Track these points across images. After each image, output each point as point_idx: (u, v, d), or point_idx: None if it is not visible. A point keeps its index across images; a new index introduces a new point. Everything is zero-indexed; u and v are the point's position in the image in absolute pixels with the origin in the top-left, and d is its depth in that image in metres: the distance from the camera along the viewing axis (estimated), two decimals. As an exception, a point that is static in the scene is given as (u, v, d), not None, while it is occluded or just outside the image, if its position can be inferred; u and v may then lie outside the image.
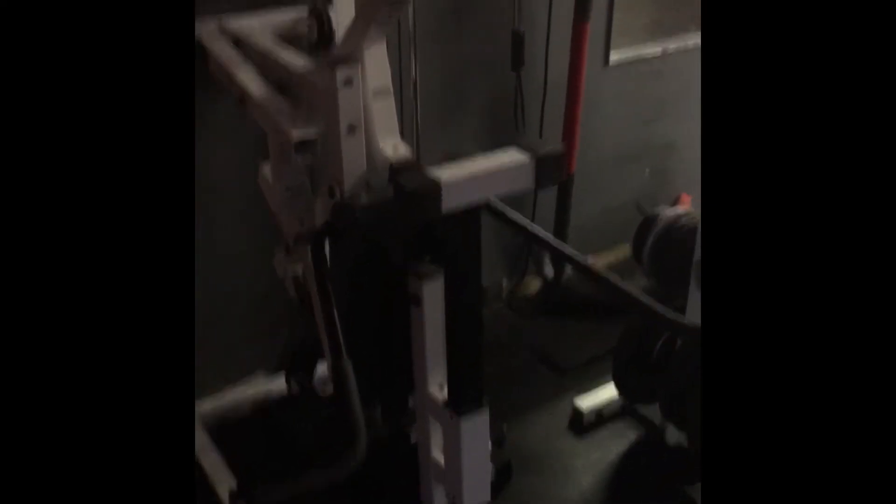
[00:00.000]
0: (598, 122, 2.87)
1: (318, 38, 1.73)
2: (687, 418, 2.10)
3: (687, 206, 3.15)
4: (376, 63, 1.61)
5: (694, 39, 2.99)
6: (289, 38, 1.93)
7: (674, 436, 2.26)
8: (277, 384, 2.29)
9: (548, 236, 1.60)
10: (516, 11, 2.43)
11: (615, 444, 2.32)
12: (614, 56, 2.80)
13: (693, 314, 2.08)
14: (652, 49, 2.89)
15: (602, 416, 2.39)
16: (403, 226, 1.37)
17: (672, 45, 2.93)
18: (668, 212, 2.20)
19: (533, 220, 2.80)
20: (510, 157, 1.35)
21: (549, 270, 2.88)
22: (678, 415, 2.15)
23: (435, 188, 1.27)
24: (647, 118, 3.00)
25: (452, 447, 1.56)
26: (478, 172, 1.31)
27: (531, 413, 2.43)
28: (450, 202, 1.28)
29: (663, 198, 3.18)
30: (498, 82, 2.55)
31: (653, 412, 2.30)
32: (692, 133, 3.14)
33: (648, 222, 2.20)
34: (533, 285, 2.95)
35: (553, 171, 1.36)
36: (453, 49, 2.44)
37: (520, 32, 2.44)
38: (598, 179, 2.98)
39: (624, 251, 3.12)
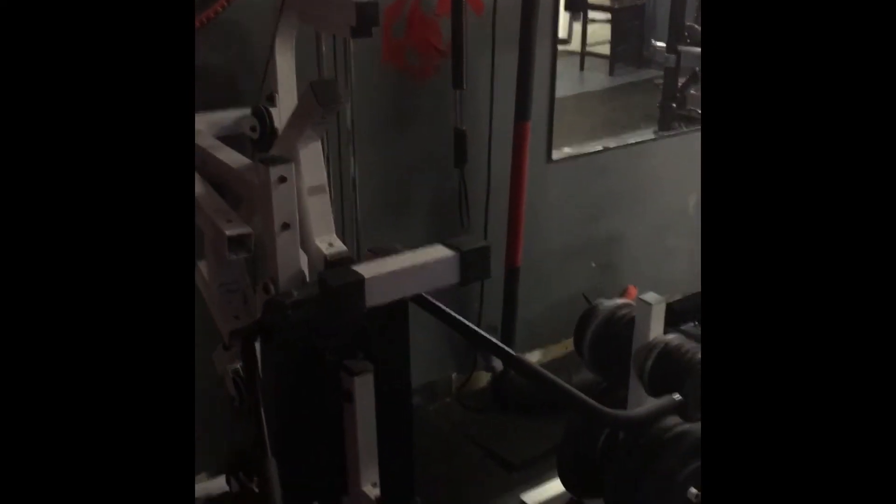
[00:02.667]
0: (544, 217, 2.93)
1: (259, 137, 1.77)
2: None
3: (631, 298, 3.20)
4: (311, 162, 1.65)
5: (634, 138, 3.10)
6: (230, 137, 1.97)
7: (621, 531, 2.23)
8: (219, 485, 2.24)
9: (479, 332, 1.61)
10: (458, 110, 2.50)
11: (563, 541, 2.29)
12: (556, 153, 2.88)
13: (635, 403, 2.09)
14: (592, 146, 2.98)
15: (550, 513, 2.36)
16: (330, 322, 1.38)
17: (612, 142, 3.03)
18: (607, 303, 2.23)
19: (480, 315, 2.83)
20: (436, 252, 1.38)
21: (497, 364, 2.88)
22: (623, 509, 2.13)
23: (358, 284, 1.29)
24: (592, 213, 3.07)
25: (385, 547, 1.53)
26: (403, 268, 1.33)
27: (479, 510, 2.40)
28: (374, 298, 1.29)
29: (610, 290, 3.22)
30: (442, 180, 2.60)
31: (601, 507, 2.28)
32: (637, 227, 3.22)
33: (588, 315, 2.22)
34: (482, 379, 2.95)
35: (478, 265, 1.38)
36: (397, 147, 2.50)
37: (462, 130, 2.51)
38: (545, 274, 3.02)
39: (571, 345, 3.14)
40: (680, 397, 1.93)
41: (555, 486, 2.36)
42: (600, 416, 1.63)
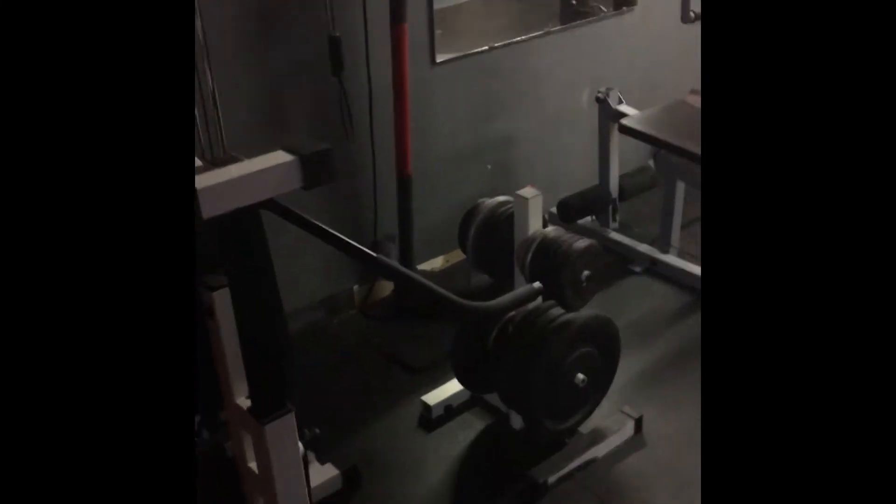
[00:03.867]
0: (433, 122, 2.90)
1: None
2: (522, 402, 2.14)
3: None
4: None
5: (523, 35, 3.06)
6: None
7: (518, 421, 2.30)
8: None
9: (343, 239, 1.59)
10: (330, 16, 2.43)
11: (463, 435, 2.34)
12: (441, 56, 2.83)
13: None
14: (478, 46, 2.94)
15: (451, 410, 2.41)
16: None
17: (498, 41, 2.99)
18: (489, 202, 2.23)
19: (376, 225, 2.82)
20: (276, 158, 1.35)
21: (398, 272, 2.89)
22: (516, 400, 2.19)
23: (191, 195, 1.26)
24: (483, 114, 3.05)
25: (262, 456, 1.54)
26: (240, 176, 1.30)
27: (384, 416, 2.43)
28: (211, 208, 1.26)
29: (507, 190, 3.23)
30: (320, 89, 2.54)
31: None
32: (530, 125, 3.22)
33: (469, 214, 2.23)
34: (385, 289, 2.96)
35: (321, 170, 1.35)
36: (265, 58, 2.42)
37: (336, 36, 2.45)
38: (440, 180, 3.01)
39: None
40: (539, 285, 1.96)
41: (454, 386, 2.41)
42: (460, 310, 1.64)
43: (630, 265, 3.10)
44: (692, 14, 2.63)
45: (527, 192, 2.07)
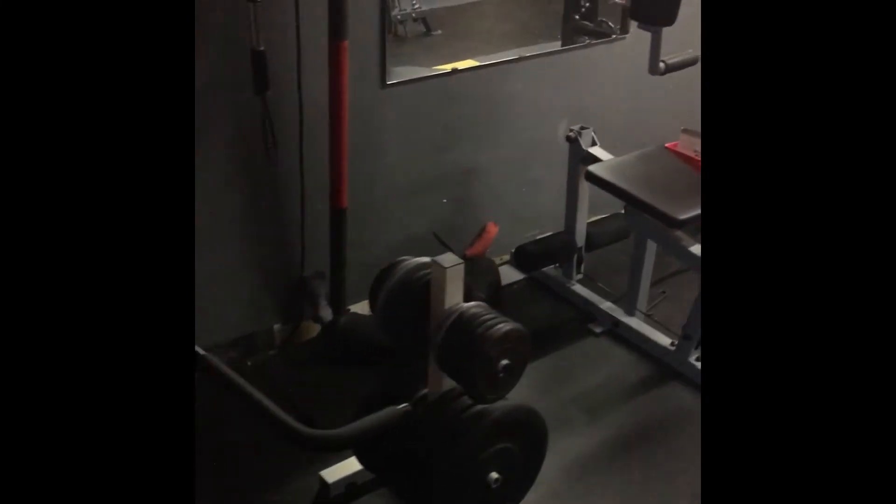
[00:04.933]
0: (382, 149, 2.59)
1: None
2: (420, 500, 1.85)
3: (491, 236, 2.92)
4: None
5: (501, 55, 2.74)
6: None
7: None
8: None
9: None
10: (254, 30, 2.12)
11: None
12: (392, 77, 2.52)
13: (434, 381, 1.81)
14: (438, 67, 2.62)
15: (354, 489, 2.11)
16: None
17: (461, 63, 2.67)
18: (412, 261, 1.92)
19: (303, 261, 2.53)
20: None
21: (326, 313, 2.59)
22: (414, 495, 1.89)
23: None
24: (441, 143, 2.74)
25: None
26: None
27: (273, 489, 2.13)
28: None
29: (468, 227, 2.93)
30: (243, 108, 2.24)
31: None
32: (495, 158, 2.90)
33: (385, 273, 1.91)
34: (311, 330, 2.66)
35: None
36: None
37: (260, 51, 2.14)
38: (386, 212, 2.71)
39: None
40: (406, 408, 1.69)
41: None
42: (295, 437, 1.35)
43: (590, 324, 2.77)
44: (662, 65, 2.30)
45: (446, 259, 1.75)
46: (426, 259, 1.95)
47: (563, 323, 2.79)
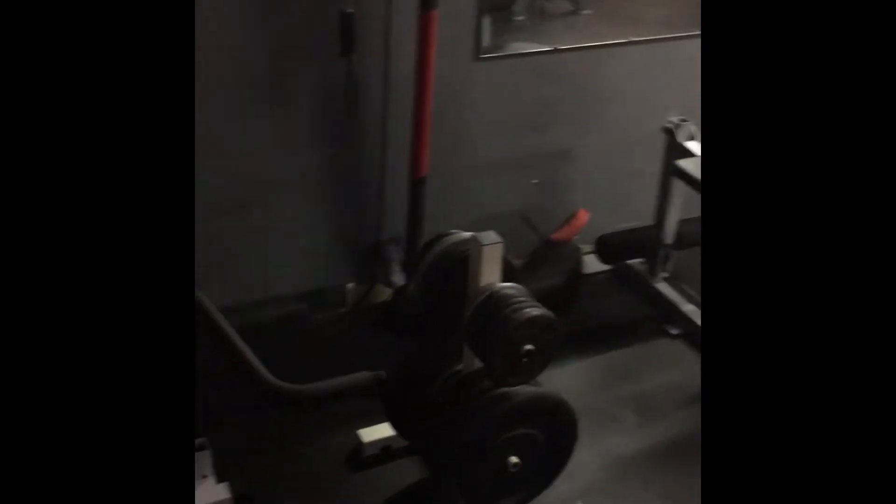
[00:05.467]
0: (470, 123, 2.58)
1: None
2: (437, 471, 1.85)
3: (582, 223, 2.85)
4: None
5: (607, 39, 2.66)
6: None
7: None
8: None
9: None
10: (344, -11, 2.15)
11: (389, 486, 2.07)
12: (499, 50, 2.49)
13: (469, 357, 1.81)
14: (531, 46, 2.57)
15: (389, 452, 2.14)
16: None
17: (564, 43, 2.60)
18: (460, 235, 1.90)
19: (379, 226, 2.56)
20: None
21: (399, 279, 2.62)
22: (433, 467, 1.90)
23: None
24: (535, 122, 2.69)
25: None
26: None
27: (313, 439, 2.19)
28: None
29: (557, 212, 2.87)
30: (329, 71, 2.28)
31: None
32: (590, 144, 2.82)
33: (429, 244, 1.91)
34: (382, 293, 2.70)
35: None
36: (264, 30, 2.17)
37: (348, 13, 2.17)
38: (472, 187, 2.69)
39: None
40: (380, 375, 1.68)
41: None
42: (266, 388, 1.37)
43: (667, 325, 2.67)
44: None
45: (485, 236, 1.74)
46: (470, 234, 1.94)
47: (639, 320, 2.70)
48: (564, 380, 2.44)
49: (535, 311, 1.68)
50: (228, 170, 2.30)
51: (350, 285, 2.67)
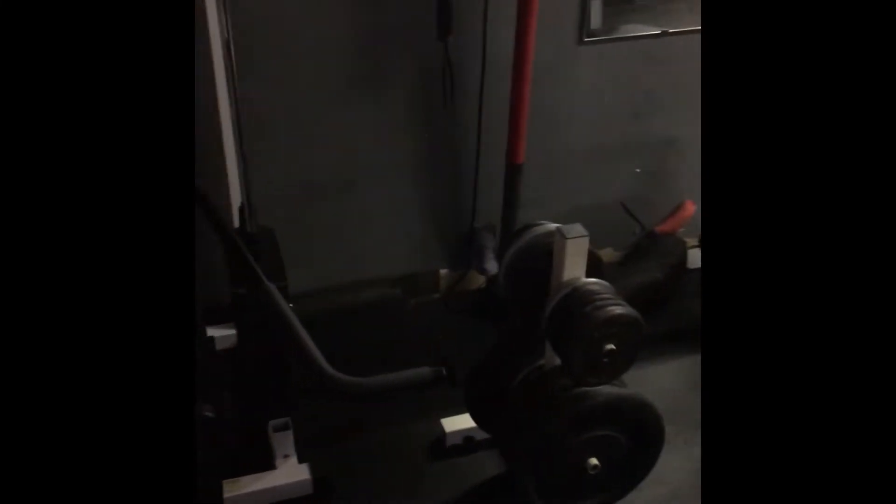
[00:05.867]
0: (571, 108, 2.50)
1: None
2: (513, 466, 1.81)
3: (688, 215, 2.73)
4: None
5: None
6: None
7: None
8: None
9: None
10: (442, -28, 2.12)
11: (469, 478, 2.03)
12: (613, 33, 2.40)
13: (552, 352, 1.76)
14: (645, 28, 2.46)
15: (471, 443, 2.11)
16: None
17: (673, 26, 2.48)
18: (547, 226, 1.84)
19: (474, 212, 2.53)
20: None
21: (492, 266, 2.58)
22: (510, 462, 1.86)
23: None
24: (640, 110, 2.58)
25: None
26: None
27: (395, 425, 2.17)
28: None
29: (661, 203, 2.76)
30: (426, 53, 2.25)
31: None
32: (698, 133, 2.68)
33: (515, 235, 1.86)
34: (476, 280, 2.67)
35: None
36: (364, 11, 2.16)
37: (445, -5, 2.14)
38: (571, 174, 2.62)
39: (604, 255, 2.75)
40: (445, 370, 1.63)
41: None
42: (323, 380, 1.35)
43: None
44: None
45: (570, 229, 1.67)
46: (555, 226, 1.88)
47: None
48: (658, 379, 2.35)
49: (619, 308, 1.60)
50: (327, 154, 2.31)
51: (444, 271, 2.65)
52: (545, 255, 1.74)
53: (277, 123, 2.22)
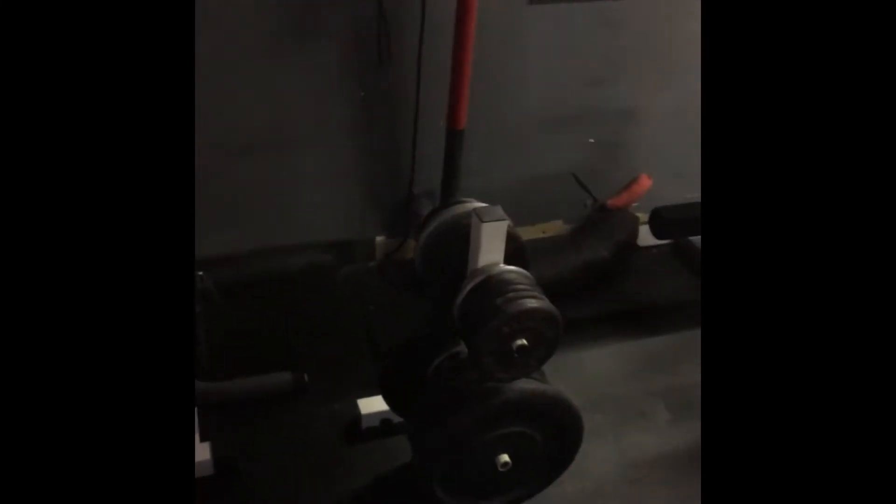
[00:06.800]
0: (520, 71, 2.35)
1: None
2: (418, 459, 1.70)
3: (643, 190, 2.60)
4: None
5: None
6: None
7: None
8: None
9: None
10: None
11: (381, 464, 1.93)
12: (545, -9, 2.24)
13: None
14: (600, -11, 2.29)
15: (388, 426, 2.01)
16: None
17: (631, -13, 2.32)
18: (465, 206, 1.71)
19: (412, 178, 2.39)
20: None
21: (430, 236, 2.44)
22: (415, 454, 1.75)
23: None
24: (595, 76, 2.43)
25: None
26: None
27: (311, 405, 2.06)
28: None
29: (615, 175, 2.63)
30: (362, 10, 2.08)
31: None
32: (656, 104, 2.54)
33: (431, 214, 1.73)
34: (413, 250, 2.53)
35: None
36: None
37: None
38: (520, 142, 2.48)
39: (553, 227, 2.63)
40: (294, 377, 1.52)
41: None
42: None
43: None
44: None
45: (487, 211, 1.53)
46: (480, 204, 1.74)
47: (689, 304, 2.44)
48: (594, 363, 2.24)
49: (533, 302, 1.48)
50: (254, 109, 2.16)
51: (380, 238, 2.51)
52: (462, 237, 1.61)
53: (200, 73, 2.05)
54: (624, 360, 2.27)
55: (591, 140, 2.54)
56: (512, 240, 1.59)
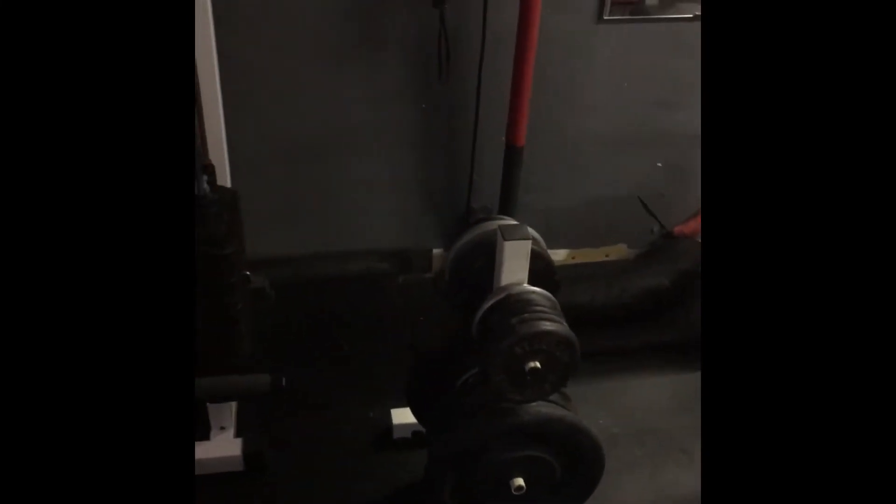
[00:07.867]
0: (585, 91, 2.31)
1: None
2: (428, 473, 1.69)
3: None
4: None
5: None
6: None
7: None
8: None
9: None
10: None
11: (406, 475, 1.93)
12: (615, 10, 2.19)
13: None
14: (673, 12, 2.23)
15: (419, 437, 2.00)
16: None
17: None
18: (492, 222, 1.68)
19: (469, 192, 2.38)
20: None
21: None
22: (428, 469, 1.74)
23: None
24: (665, 99, 2.36)
25: None
26: None
27: (347, 410, 2.09)
28: None
29: (680, 201, 2.55)
30: (423, 19, 2.09)
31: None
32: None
33: (462, 230, 1.71)
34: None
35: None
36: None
37: (440, -45, 1.98)
38: (584, 162, 2.44)
39: (616, 251, 2.58)
40: (271, 379, 1.50)
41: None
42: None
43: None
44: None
45: (513, 230, 1.52)
46: (512, 222, 1.72)
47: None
48: (640, 393, 2.18)
49: (549, 325, 1.45)
50: (317, 118, 2.21)
51: (437, 251, 2.52)
52: (489, 254, 1.59)
53: (266, 83, 2.12)
54: (671, 394, 2.19)
55: (659, 164, 2.47)
56: (538, 259, 1.57)
